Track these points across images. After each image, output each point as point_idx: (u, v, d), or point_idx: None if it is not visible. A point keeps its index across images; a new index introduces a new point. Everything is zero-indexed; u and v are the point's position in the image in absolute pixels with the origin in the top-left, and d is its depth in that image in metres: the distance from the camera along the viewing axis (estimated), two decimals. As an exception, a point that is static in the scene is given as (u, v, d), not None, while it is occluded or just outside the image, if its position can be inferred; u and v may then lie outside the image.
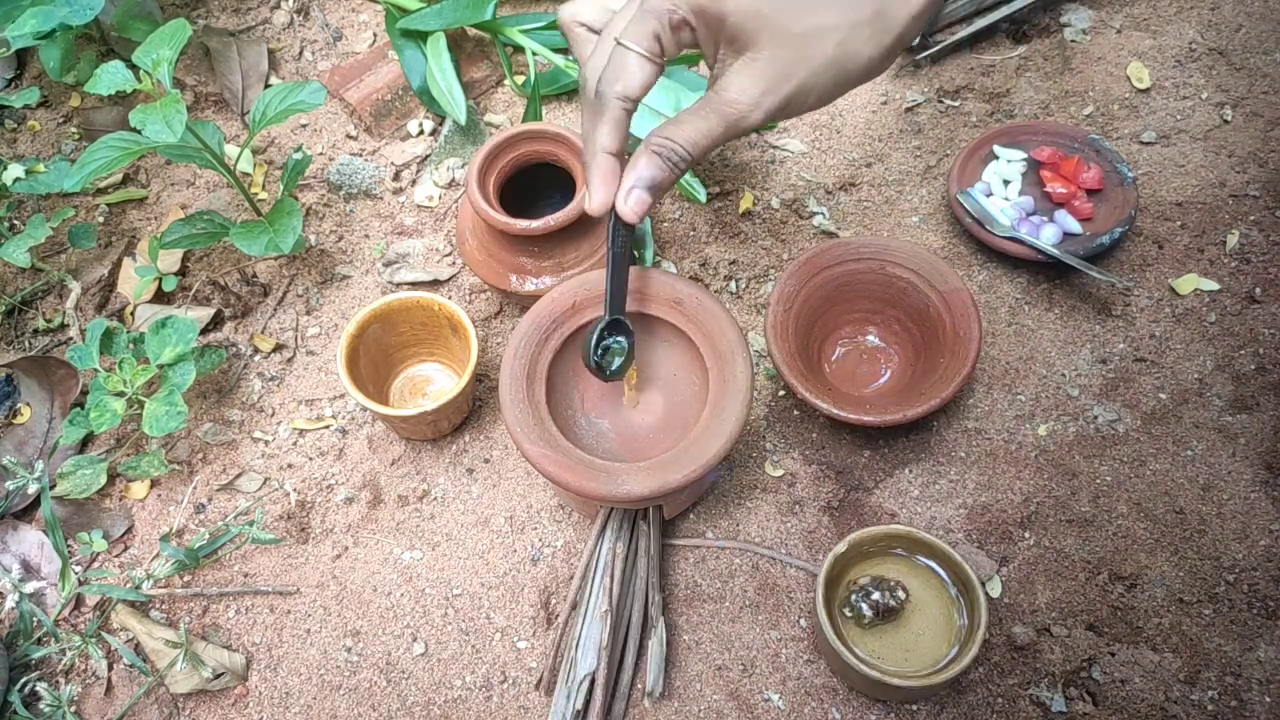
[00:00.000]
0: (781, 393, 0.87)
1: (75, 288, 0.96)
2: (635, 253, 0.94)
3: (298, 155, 0.93)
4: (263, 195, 1.03)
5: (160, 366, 0.82)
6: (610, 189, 0.59)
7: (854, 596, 0.72)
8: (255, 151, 1.06)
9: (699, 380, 0.75)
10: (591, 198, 0.60)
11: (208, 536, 0.82)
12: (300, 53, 1.13)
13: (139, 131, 0.76)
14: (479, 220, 0.85)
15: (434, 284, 0.96)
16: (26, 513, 0.86)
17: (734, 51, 0.55)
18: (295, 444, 0.88)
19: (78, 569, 0.82)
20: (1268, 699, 0.71)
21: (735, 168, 1.00)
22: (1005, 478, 0.82)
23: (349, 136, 1.06)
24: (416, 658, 0.77)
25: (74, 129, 1.08)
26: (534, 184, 0.90)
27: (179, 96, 0.77)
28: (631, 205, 0.58)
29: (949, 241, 0.94)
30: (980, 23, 1.06)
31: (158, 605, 0.81)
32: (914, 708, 0.73)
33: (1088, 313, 0.89)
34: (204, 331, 0.94)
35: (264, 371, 0.92)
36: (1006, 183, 0.94)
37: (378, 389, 0.86)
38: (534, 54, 1.03)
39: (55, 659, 0.79)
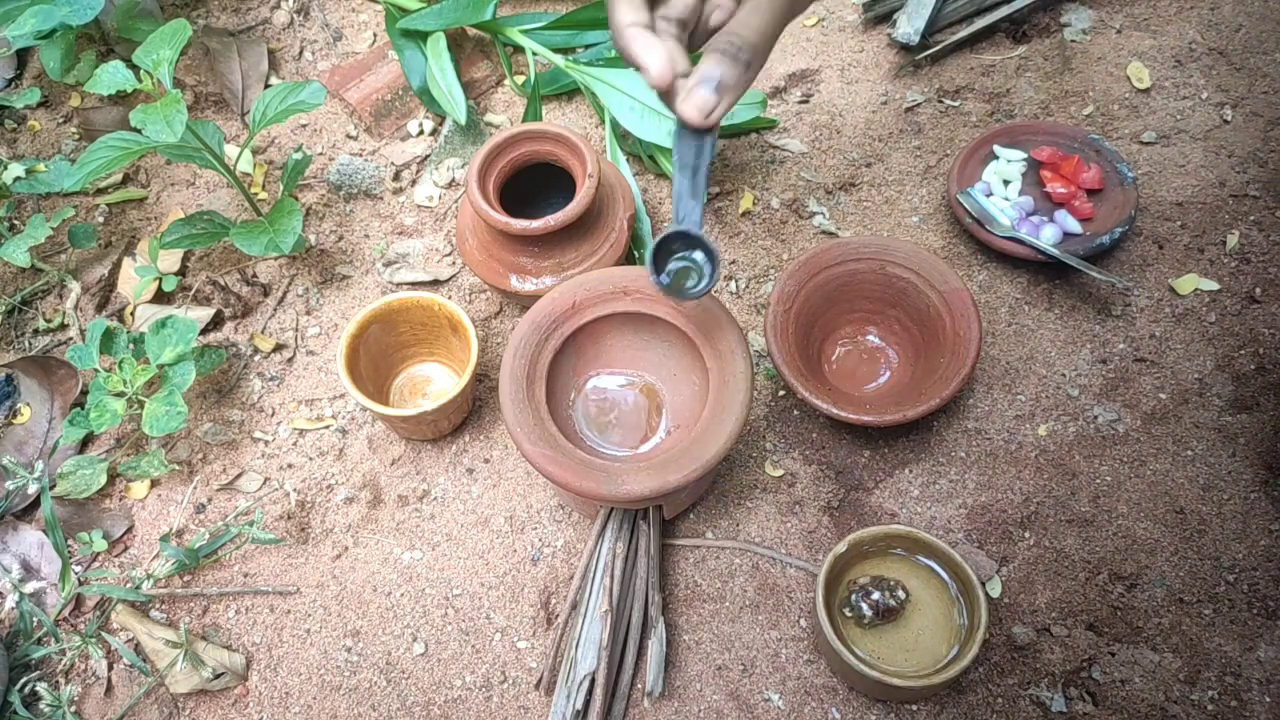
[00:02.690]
0: (781, 393, 0.87)
1: (75, 288, 0.96)
2: (635, 253, 0.94)
3: (298, 155, 0.93)
4: (263, 195, 1.03)
5: (160, 366, 0.82)
6: (655, 52, 0.54)
7: (854, 596, 0.72)
8: (255, 151, 1.06)
9: (699, 380, 0.75)
10: (649, 71, 0.55)
11: (208, 536, 0.82)
12: (300, 53, 1.13)
13: (139, 131, 0.76)
14: (479, 220, 0.85)
15: (434, 284, 0.96)
16: (26, 513, 0.86)
17: None
18: (295, 444, 0.88)
19: (78, 569, 0.82)
20: (1268, 699, 0.71)
21: (735, 168, 1.00)
22: (1005, 478, 0.82)
23: (349, 136, 1.06)
24: (416, 658, 0.77)
25: (74, 129, 1.08)
26: (534, 184, 0.90)
27: (179, 96, 0.77)
28: (694, 103, 0.55)
29: (949, 241, 0.94)
30: (980, 23, 1.06)
31: (158, 605, 0.81)
32: (914, 708, 0.73)
33: (1088, 313, 0.89)
34: (204, 331, 0.94)
35: (264, 371, 0.92)
36: (1006, 183, 0.94)
37: (378, 389, 0.86)
38: (534, 54, 1.03)
39: (55, 659, 0.79)
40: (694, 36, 0.58)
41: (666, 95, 0.57)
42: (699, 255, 0.64)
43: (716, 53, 0.55)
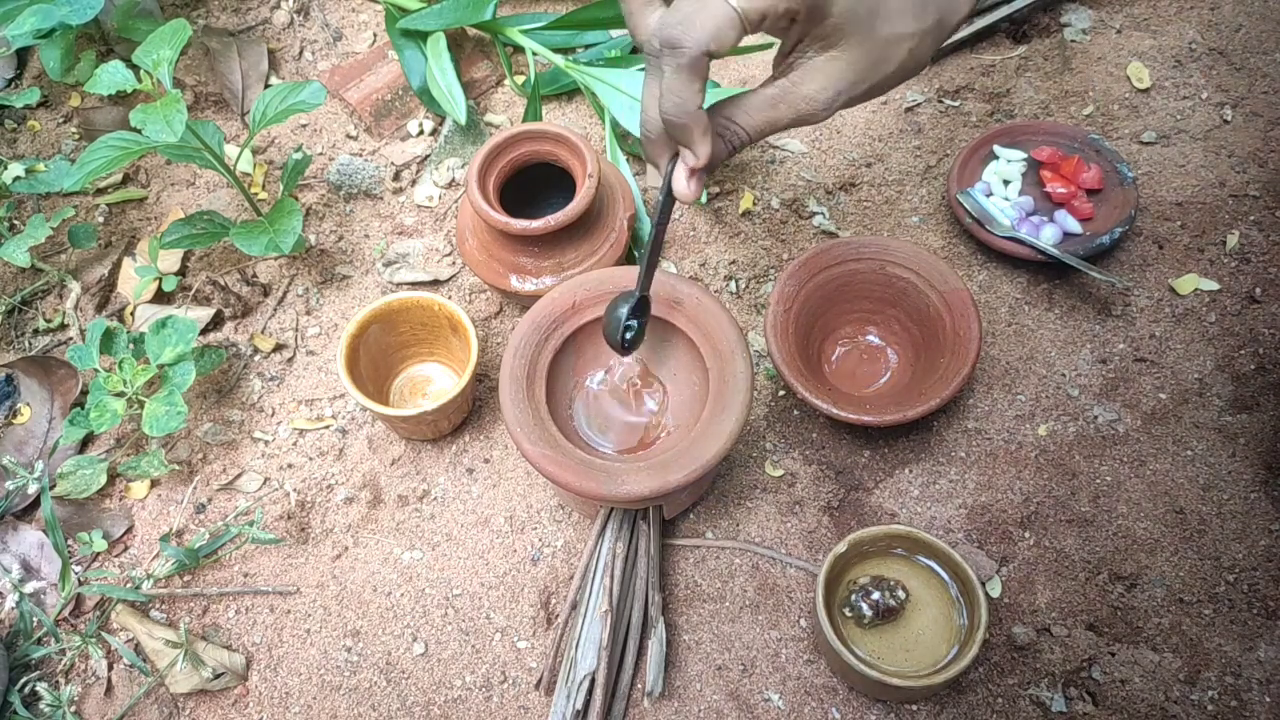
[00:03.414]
0: (781, 393, 0.87)
1: (75, 288, 0.96)
2: (635, 253, 0.94)
3: (298, 155, 0.93)
4: (263, 195, 1.03)
5: (160, 366, 0.83)
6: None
7: (854, 596, 0.72)
8: (255, 151, 1.06)
9: (699, 380, 0.75)
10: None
11: (208, 536, 0.82)
12: (300, 53, 1.13)
13: (139, 131, 0.76)
14: (479, 220, 0.85)
15: (434, 284, 0.96)
16: (26, 513, 0.86)
17: (819, 48, 0.56)
18: (295, 444, 0.88)
19: (78, 569, 0.82)
20: (1268, 699, 0.71)
21: (735, 168, 1.00)
22: (1005, 478, 0.82)
23: (349, 136, 1.06)
24: (416, 658, 0.77)
25: (74, 129, 1.08)
26: (534, 184, 0.90)
27: (179, 96, 0.77)
28: (694, 187, 0.59)
29: (949, 241, 0.94)
30: (980, 23, 1.06)
31: (158, 605, 0.81)
32: (914, 708, 0.73)
33: (1088, 313, 0.89)
34: (204, 331, 0.94)
35: (264, 371, 0.92)
36: (1006, 183, 0.94)
37: (378, 389, 0.86)
38: (534, 54, 1.03)
39: (55, 659, 0.79)
40: None
41: (652, 149, 0.60)
42: (642, 316, 0.70)
43: (719, 139, 0.58)
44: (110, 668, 0.78)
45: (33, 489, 0.83)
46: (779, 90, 0.57)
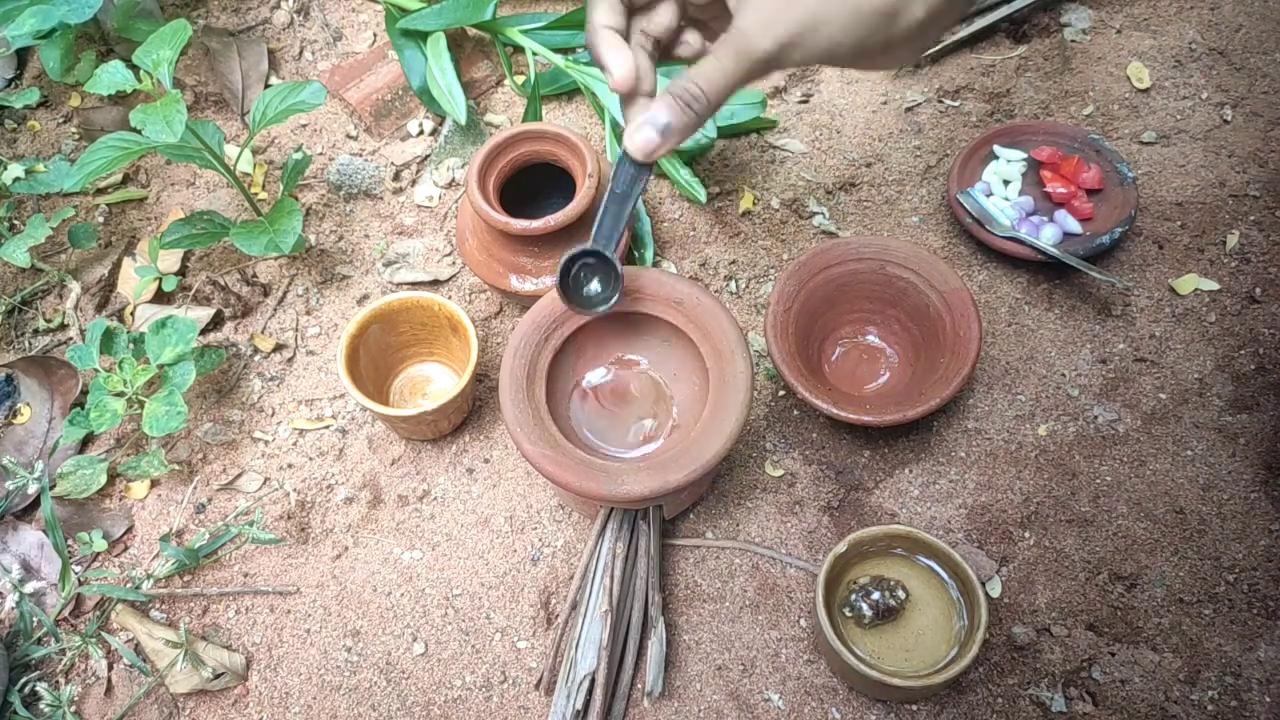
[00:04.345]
0: (781, 393, 0.87)
1: (75, 288, 0.96)
2: (635, 253, 0.94)
3: (298, 155, 0.93)
4: (263, 195, 1.03)
5: (160, 366, 0.83)
6: (622, 57, 0.57)
7: (854, 596, 0.72)
8: (255, 151, 1.06)
9: (699, 380, 0.75)
10: (611, 74, 0.57)
11: (208, 536, 0.82)
12: (300, 53, 1.13)
13: (139, 131, 0.76)
14: (479, 220, 0.85)
15: (434, 284, 0.96)
16: (26, 513, 0.86)
17: None
18: (295, 444, 0.88)
19: (78, 569, 0.82)
20: (1268, 699, 0.71)
21: (735, 168, 1.00)
22: (1005, 478, 0.82)
23: (349, 136, 1.06)
24: (416, 658, 0.77)
25: (74, 129, 1.08)
26: (534, 184, 0.90)
27: (179, 96, 0.77)
28: (639, 142, 0.58)
29: (949, 241, 0.94)
30: (980, 23, 1.06)
31: (158, 605, 0.81)
32: (914, 708, 0.73)
33: (1088, 313, 0.89)
34: (204, 331, 0.94)
35: (264, 371, 0.92)
36: (1006, 183, 0.94)
37: (378, 389, 0.86)
38: (534, 54, 1.03)
39: (55, 659, 0.79)
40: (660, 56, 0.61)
41: (626, 104, 0.59)
42: (606, 275, 0.70)
43: (670, 96, 0.57)
44: (110, 668, 0.78)
45: (33, 489, 0.83)
46: (719, 39, 0.56)
